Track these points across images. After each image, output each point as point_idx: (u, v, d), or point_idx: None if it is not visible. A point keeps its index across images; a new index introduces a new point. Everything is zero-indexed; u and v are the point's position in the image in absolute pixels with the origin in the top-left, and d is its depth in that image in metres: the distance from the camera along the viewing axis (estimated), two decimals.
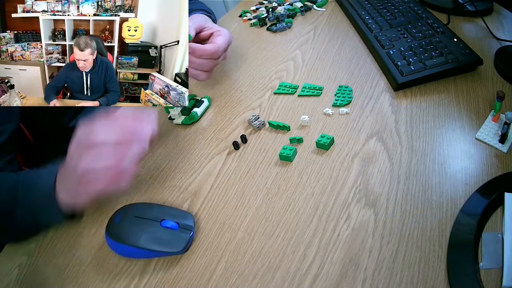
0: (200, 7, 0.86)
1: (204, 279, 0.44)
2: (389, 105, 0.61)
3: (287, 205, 0.50)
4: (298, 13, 0.97)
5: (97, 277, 0.47)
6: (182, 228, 0.47)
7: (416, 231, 0.43)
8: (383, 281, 0.40)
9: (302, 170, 0.54)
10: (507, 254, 0.38)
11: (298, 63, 0.77)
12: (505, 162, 0.48)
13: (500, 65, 0.62)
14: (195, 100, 0.72)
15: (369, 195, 0.48)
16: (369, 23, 0.81)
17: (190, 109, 0.69)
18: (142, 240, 0.46)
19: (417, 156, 0.52)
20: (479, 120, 0.54)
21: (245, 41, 0.91)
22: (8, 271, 0.51)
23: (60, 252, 0.52)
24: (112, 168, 0.45)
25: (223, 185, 0.55)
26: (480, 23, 0.75)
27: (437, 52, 0.66)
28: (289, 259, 0.44)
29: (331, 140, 0.56)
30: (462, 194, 0.46)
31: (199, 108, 0.69)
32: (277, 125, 0.62)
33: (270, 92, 0.71)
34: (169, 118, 0.70)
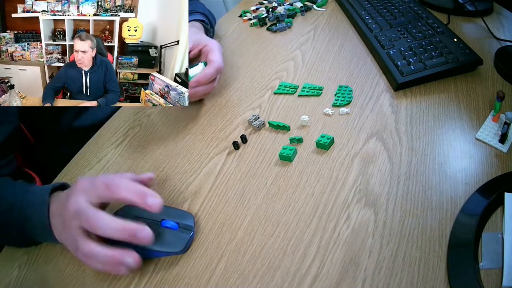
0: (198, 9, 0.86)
1: (204, 279, 0.44)
2: (389, 105, 0.61)
3: (287, 205, 0.50)
4: (298, 13, 0.97)
5: (97, 277, 0.47)
6: (182, 228, 0.47)
7: (416, 231, 0.43)
8: (383, 281, 0.40)
9: (302, 170, 0.54)
10: (507, 254, 0.38)
11: (298, 63, 0.77)
12: (505, 162, 0.48)
13: (500, 65, 0.62)
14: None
15: (369, 195, 0.48)
16: (369, 23, 0.81)
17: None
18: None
19: (417, 156, 0.52)
20: (479, 120, 0.55)
21: (245, 41, 0.91)
22: (8, 271, 0.51)
23: (60, 252, 0.52)
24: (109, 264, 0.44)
25: (223, 185, 0.55)
26: (480, 23, 0.75)
27: (437, 52, 0.66)
28: (289, 259, 0.44)
29: (331, 140, 0.56)
30: (462, 194, 0.46)
31: (192, 69, 0.65)
32: (277, 125, 0.62)
33: (270, 92, 0.71)
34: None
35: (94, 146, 0.69)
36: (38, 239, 0.52)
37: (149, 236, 0.43)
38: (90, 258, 0.44)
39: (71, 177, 0.63)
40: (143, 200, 0.45)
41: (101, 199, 0.46)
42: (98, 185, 0.46)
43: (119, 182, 0.46)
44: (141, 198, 0.45)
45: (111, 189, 0.45)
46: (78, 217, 0.44)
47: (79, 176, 0.63)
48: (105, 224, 0.43)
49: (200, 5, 0.90)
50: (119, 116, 0.75)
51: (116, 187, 0.45)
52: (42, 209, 0.48)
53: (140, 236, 0.43)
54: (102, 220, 0.43)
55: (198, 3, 0.92)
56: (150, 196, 0.45)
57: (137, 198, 0.45)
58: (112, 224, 0.43)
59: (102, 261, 0.43)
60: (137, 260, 0.43)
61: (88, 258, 0.44)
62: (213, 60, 0.66)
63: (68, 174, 0.65)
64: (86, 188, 0.46)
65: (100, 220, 0.43)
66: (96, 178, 0.47)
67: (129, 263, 0.43)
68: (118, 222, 0.43)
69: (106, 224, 0.43)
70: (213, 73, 0.65)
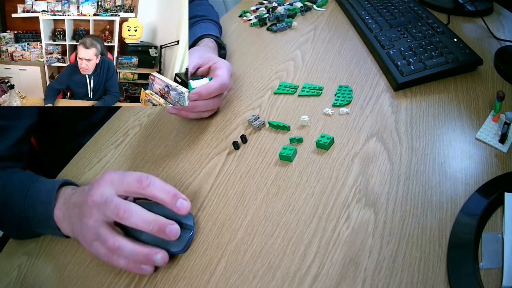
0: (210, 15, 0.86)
1: (204, 279, 0.44)
2: (389, 105, 0.61)
3: (287, 205, 0.50)
4: (298, 13, 0.97)
5: (97, 277, 0.47)
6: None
7: (416, 231, 0.43)
8: (383, 281, 0.40)
9: (302, 170, 0.54)
10: (507, 254, 0.38)
11: (298, 63, 0.77)
12: (505, 162, 0.48)
13: (500, 65, 0.62)
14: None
15: (369, 195, 0.48)
16: (369, 23, 0.80)
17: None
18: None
19: (417, 156, 0.52)
20: (479, 120, 0.54)
21: (245, 41, 0.91)
22: (8, 271, 0.51)
23: (60, 252, 0.52)
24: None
25: (223, 185, 0.55)
26: (480, 23, 0.75)
27: (437, 52, 0.66)
28: (289, 259, 0.44)
29: (331, 140, 0.56)
30: (462, 194, 0.46)
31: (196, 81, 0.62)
32: (277, 125, 0.62)
33: (270, 92, 0.71)
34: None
35: (94, 146, 0.69)
36: (38, 229, 0.52)
37: (177, 233, 0.44)
38: (115, 253, 0.44)
39: (71, 177, 0.63)
40: (174, 201, 0.45)
41: (129, 193, 0.47)
42: (129, 179, 0.46)
43: (153, 179, 0.46)
44: (172, 199, 0.46)
45: (143, 184, 0.46)
46: (104, 208, 0.44)
47: (79, 175, 0.63)
48: (137, 214, 0.44)
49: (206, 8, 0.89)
50: (119, 116, 0.75)
51: (150, 183, 0.46)
52: (49, 198, 0.49)
53: (168, 231, 0.44)
54: (135, 210, 0.44)
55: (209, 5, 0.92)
56: (181, 198, 0.46)
57: (169, 198, 0.45)
58: (145, 215, 0.44)
59: (129, 256, 0.44)
60: (165, 258, 0.44)
61: (113, 253, 0.44)
62: (219, 75, 0.62)
63: (68, 174, 0.65)
64: (114, 181, 0.46)
65: (133, 210, 0.44)
66: (127, 172, 0.47)
67: (158, 260, 0.44)
68: (150, 215, 0.44)
69: (139, 214, 0.44)
70: (216, 88, 0.61)
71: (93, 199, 0.45)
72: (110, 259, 0.45)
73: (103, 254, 0.45)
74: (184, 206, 0.46)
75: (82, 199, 0.47)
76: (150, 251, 0.44)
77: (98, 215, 0.44)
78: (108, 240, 0.43)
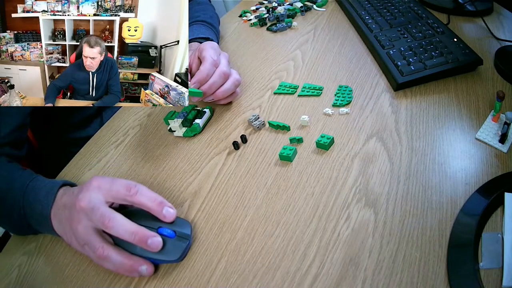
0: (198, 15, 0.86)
1: (204, 279, 0.44)
2: (389, 105, 0.61)
3: (287, 205, 0.50)
4: (298, 13, 0.97)
5: (97, 277, 0.47)
6: (179, 237, 0.47)
7: (416, 231, 0.43)
8: (383, 281, 0.40)
9: (302, 170, 0.54)
10: (507, 254, 0.38)
11: (298, 63, 0.77)
12: (505, 162, 0.48)
13: (500, 65, 0.62)
14: (197, 111, 0.67)
15: (369, 195, 0.48)
16: (369, 23, 0.81)
17: (192, 120, 0.66)
18: (138, 247, 0.45)
19: (417, 156, 0.52)
20: (479, 120, 0.54)
21: (245, 41, 0.91)
22: (8, 271, 0.51)
23: (60, 252, 0.52)
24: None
25: (223, 185, 0.55)
26: (480, 23, 0.75)
27: (437, 52, 0.66)
28: (289, 259, 0.44)
29: (331, 140, 0.56)
30: (462, 194, 0.46)
31: (201, 119, 0.66)
32: (277, 125, 0.62)
33: (270, 92, 0.71)
34: (169, 130, 0.67)
35: (94, 146, 0.69)
36: (36, 226, 0.52)
37: (158, 245, 0.45)
38: (104, 260, 0.45)
39: (71, 177, 0.63)
40: (160, 209, 0.46)
41: (117, 200, 0.47)
42: (118, 186, 0.47)
43: (141, 188, 0.47)
44: (158, 206, 0.46)
45: (131, 191, 0.46)
46: (90, 214, 0.45)
47: (79, 175, 0.63)
48: (120, 224, 0.44)
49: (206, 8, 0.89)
50: (119, 116, 0.75)
51: (137, 191, 0.46)
52: (48, 198, 0.50)
53: (150, 243, 0.44)
54: (117, 221, 0.44)
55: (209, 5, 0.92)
56: (167, 206, 0.47)
57: (155, 206, 0.46)
58: (126, 226, 0.44)
59: (117, 266, 0.45)
60: (150, 270, 0.45)
61: (103, 260, 0.45)
62: (205, 56, 0.64)
63: (68, 174, 0.65)
64: (102, 187, 0.47)
65: (115, 220, 0.44)
66: (115, 179, 0.48)
67: (142, 271, 0.45)
68: (132, 225, 0.45)
69: (120, 224, 0.44)
70: (209, 68, 0.63)
71: (81, 205, 0.45)
72: (100, 264, 0.46)
73: (93, 259, 0.46)
74: (170, 214, 0.47)
75: (71, 202, 0.47)
76: (135, 263, 0.45)
77: (86, 221, 0.45)
78: (97, 249, 0.44)
